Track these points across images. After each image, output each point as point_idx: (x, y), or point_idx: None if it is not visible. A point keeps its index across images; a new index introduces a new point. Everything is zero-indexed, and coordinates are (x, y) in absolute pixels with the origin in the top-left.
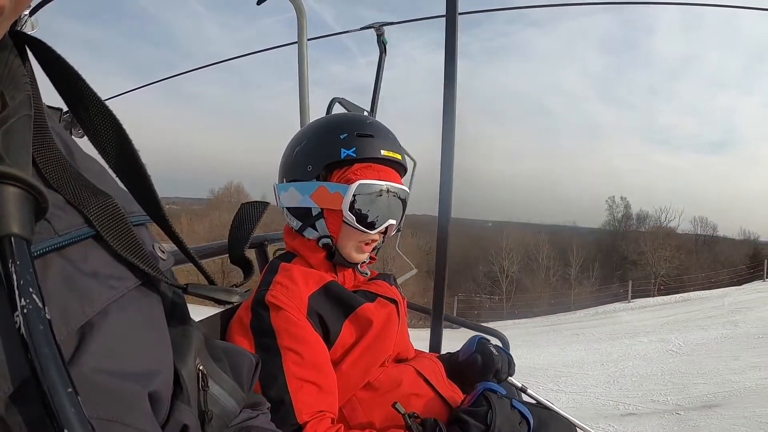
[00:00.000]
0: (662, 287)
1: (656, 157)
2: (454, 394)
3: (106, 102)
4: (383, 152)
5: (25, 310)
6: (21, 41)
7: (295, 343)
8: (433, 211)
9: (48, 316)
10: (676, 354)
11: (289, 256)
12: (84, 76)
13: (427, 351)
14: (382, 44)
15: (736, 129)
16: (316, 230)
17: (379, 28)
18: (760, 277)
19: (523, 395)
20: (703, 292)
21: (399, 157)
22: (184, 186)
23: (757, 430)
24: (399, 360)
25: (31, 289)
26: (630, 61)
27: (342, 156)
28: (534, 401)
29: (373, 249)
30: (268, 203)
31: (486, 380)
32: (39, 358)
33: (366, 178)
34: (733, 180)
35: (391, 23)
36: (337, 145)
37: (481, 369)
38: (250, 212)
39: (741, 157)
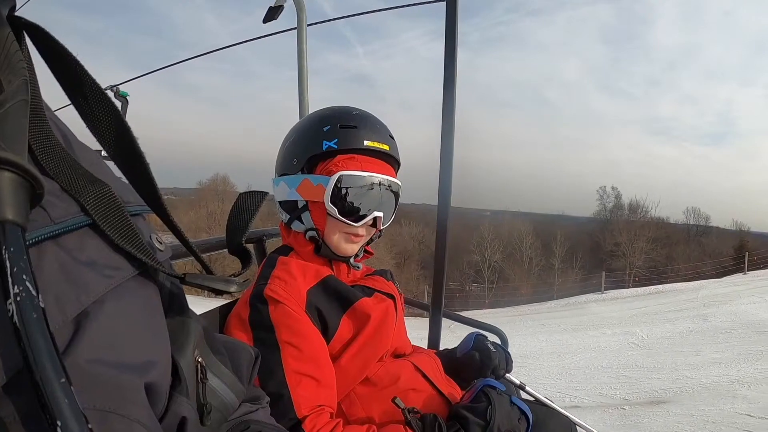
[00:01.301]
0: (637, 279)
1: (654, 148)
2: (453, 390)
3: None
4: (366, 143)
5: (18, 298)
6: (18, 26)
7: (293, 338)
8: (427, 201)
9: (42, 304)
10: (637, 347)
11: (286, 250)
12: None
13: (425, 346)
14: (122, 98)
15: (734, 120)
16: (303, 223)
17: (113, 88)
18: (743, 270)
19: (521, 392)
20: (678, 284)
21: (385, 147)
22: (173, 176)
23: (701, 429)
24: (397, 355)
25: (24, 276)
26: (629, 52)
27: (324, 148)
28: (533, 398)
29: (369, 242)
30: (266, 193)
31: (484, 377)
32: (32, 348)
33: (348, 170)
34: (730, 171)
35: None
36: (319, 137)
37: (479, 366)
38: (248, 202)
39: (739, 149)
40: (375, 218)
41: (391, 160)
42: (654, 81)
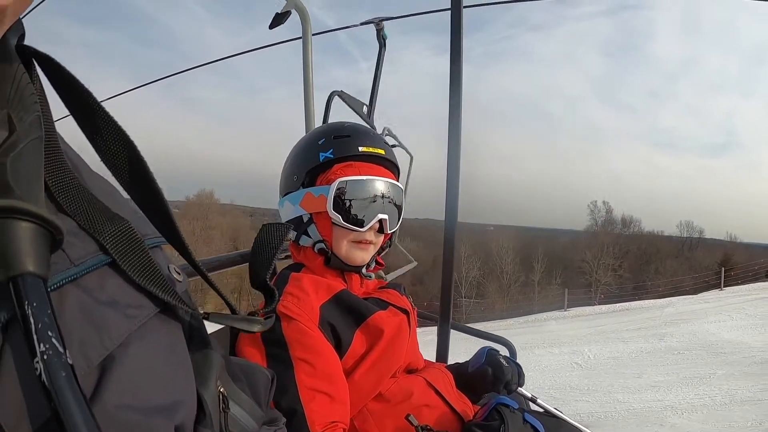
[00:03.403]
0: (603, 296)
1: (656, 160)
2: (465, 406)
3: (105, 102)
4: (361, 149)
5: (45, 356)
6: (28, 56)
7: (307, 354)
8: (431, 216)
9: (70, 361)
10: (579, 368)
11: (298, 266)
12: (86, 77)
13: (434, 358)
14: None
15: (736, 131)
16: (310, 236)
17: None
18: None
19: (532, 405)
20: (646, 301)
21: (380, 151)
22: (175, 189)
23: None
24: (409, 371)
25: (50, 333)
26: (630, 65)
27: (321, 159)
28: (543, 410)
29: (379, 252)
30: (290, 226)
31: (496, 392)
32: (62, 407)
33: (346, 176)
34: (731, 181)
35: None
36: (316, 150)
37: (492, 381)
38: (271, 235)
39: (740, 159)
40: (381, 222)
41: (389, 164)
42: (655, 93)
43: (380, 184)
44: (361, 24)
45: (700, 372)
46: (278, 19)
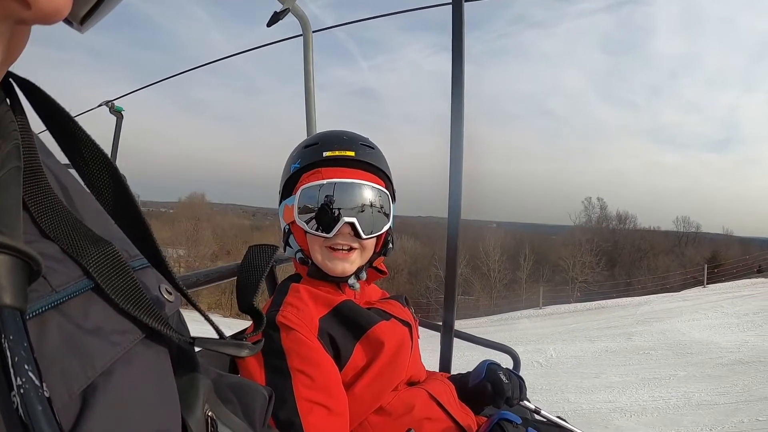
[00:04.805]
0: (579, 294)
1: (659, 156)
2: (468, 419)
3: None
4: (326, 154)
5: (21, 390)
6: (9, 82)
7: (305, 365)
8: (427, 213)
9: (47, 394)
10: (538, 367)
11: (298, 277)
12: (90, 81)
13: (436, 368)
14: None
15: (738, 126)
16: (291, 247)
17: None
18: (710, 282)
19: (536, 416)
20: (623, 299)
21: (349, 154)
22: (153, 191)
23: None
24: (411, 383)
25: (26, 366)
26: (631, 61)
27: (291, 171)
28: (546, 420)
29: (374, 259)
30: (276, 247)
31: (497, 407)
32: None
33: (309, 182)
34: (734, 177)
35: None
36: (289, 163)
37: (492, 396)
38: (258, 257)
39: (742, 154)
40: (353, 227)
41: (365, 166)
42: (657, 89)
43: (347, 187)
44: (98, 106)
45: (661, 373)
46: (276, 17)
